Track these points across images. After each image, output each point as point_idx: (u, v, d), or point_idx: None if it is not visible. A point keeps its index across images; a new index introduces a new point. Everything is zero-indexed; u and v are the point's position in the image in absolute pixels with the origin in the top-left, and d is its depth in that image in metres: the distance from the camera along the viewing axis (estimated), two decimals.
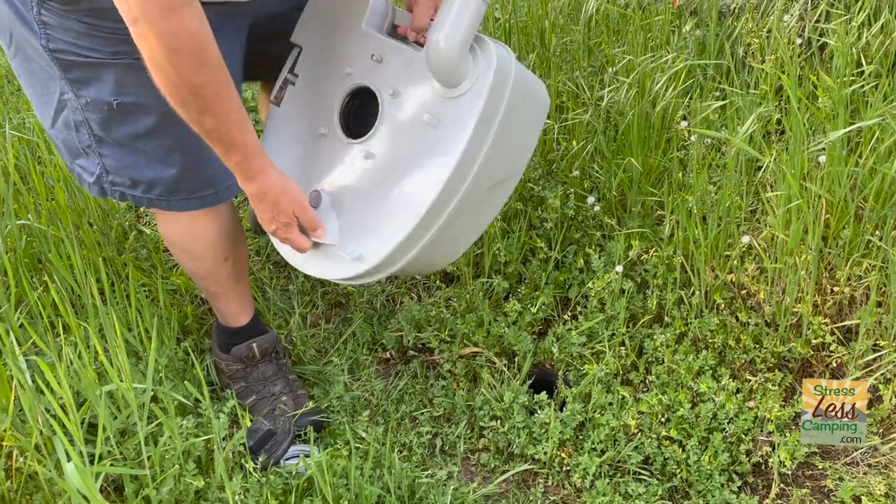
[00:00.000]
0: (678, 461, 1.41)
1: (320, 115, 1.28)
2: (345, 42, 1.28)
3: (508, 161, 1.27)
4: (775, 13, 1.89)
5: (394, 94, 1.22)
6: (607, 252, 1.72)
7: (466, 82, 1.16)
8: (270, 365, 1.58)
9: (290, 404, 1.53)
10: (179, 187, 1.31)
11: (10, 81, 2.62)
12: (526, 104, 1.26)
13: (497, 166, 1.22)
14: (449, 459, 1.49)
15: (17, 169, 1.98)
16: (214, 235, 1.43)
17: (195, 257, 1.47)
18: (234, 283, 1.53)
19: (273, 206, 1.21)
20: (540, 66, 2.10)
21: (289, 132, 1.33)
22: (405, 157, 1.20)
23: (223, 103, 1.09)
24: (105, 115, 1.23)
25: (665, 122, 1.84)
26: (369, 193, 1.23)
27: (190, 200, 1.34)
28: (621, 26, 2.12)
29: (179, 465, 1.27)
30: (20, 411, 1.26)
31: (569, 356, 1.61)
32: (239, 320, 1.58)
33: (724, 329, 1.56)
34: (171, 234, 1.45)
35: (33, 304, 1.53)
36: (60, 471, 1.18)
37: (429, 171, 1.17)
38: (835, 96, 1.61)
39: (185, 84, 1.05)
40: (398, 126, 1.21)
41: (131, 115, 1.23)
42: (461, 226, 1.26)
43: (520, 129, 1.26)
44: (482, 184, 1.20)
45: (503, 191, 1.31)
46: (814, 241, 1.50)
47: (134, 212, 2.12)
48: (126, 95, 1.21)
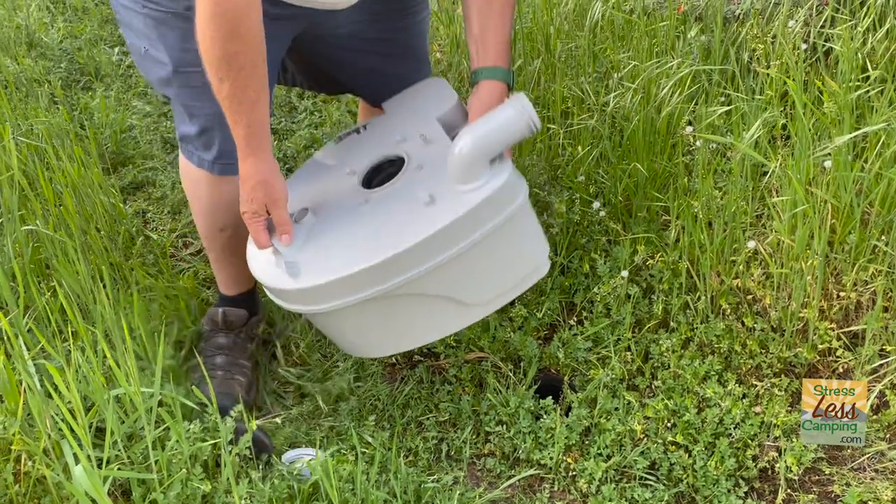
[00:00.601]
0: (684, 466, 1.41)
1: (357, 159, 1.39)
2: (413, 116, 1.42)
3: (470, 283, 1.28)
4: (780, 18, 1.89)
5: (418, 168, 1.32)
6: (613, 257, 1.72)
7: (475, 184, 1.22)
8: (228, 338, 1.62)
9: (219, 381, 1.53)
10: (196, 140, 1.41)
11: (19, 87, 2.64)
12: (517, 244, 1.30)
13: (455, 279, 1.25)
14: (455, 464, 1.49)
15: (25, 175, 1.99)
16: (213, 202, 1.48)
17: (196, 212, 1.55)
18: (228, 255, 1.57)
19: (252, 190, 1.26)
20: (545, 73, 2.10)
21: (327, 160, 1.45)
22: (388, 217, 1.27)
23: (246, 77, 1.17)
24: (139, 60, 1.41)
25: (670, 127, 1.84)
26: (343, 232, 1.28)
27: (193, 155, 1.43)
28: (626, 32, 2.12)
29: (186, 469, 1.27)
30: (28, 415, 1.27)
31: (574, 361, 1.61)
32: (229, 289, 1.64)
33: (730, 334, 1.56)
34: (185, 183, 1.54)
35: (41, 309, 1.54)
36: (68, 475, 1.18)
37: (394, 237, 1.22)
38: (840, 101, 1.61)
39: (218, 47, 1.14)
40: (403, 190, 1.29)
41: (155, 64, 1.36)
42: (382, 315, 1.28)
43: (499, 261, 1.29)
44: (430, 285, 1.24)
45: (449, 315, 1.33)
46: (820, 247, 1.50)
47: (141, 217, 2.14)
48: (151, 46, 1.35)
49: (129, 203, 2.20)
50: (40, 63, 2.86)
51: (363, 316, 1.27)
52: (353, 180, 1.36)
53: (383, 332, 1.35)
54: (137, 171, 2.32)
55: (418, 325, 1.34)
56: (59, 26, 3.19)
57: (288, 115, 2.54)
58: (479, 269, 1.27)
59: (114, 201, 2.03)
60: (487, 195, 1.21)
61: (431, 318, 1.32)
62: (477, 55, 1.36)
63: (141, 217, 2.13)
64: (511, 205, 1.24)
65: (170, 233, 2.07)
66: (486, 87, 1.34)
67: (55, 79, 2.76)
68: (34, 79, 2.75)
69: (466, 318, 1.36)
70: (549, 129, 2.00)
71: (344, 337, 1.37)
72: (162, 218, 2.14)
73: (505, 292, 1.35)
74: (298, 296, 1.27)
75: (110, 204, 1.99)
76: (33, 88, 2.67)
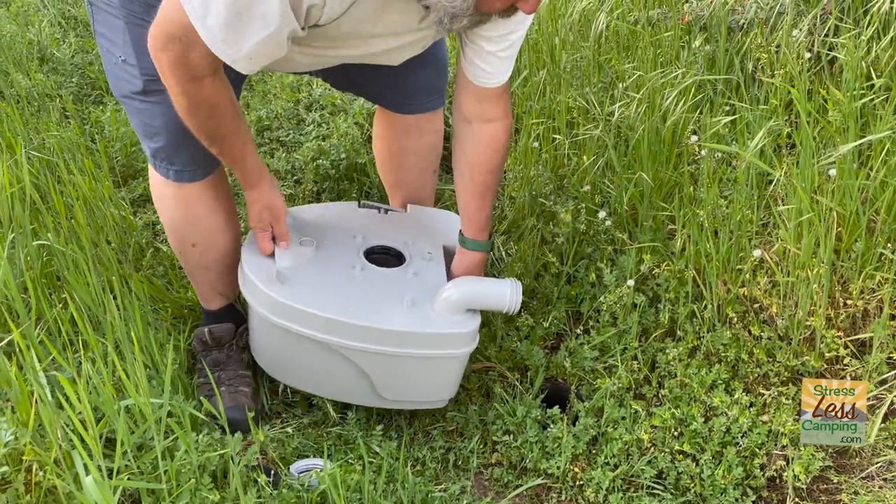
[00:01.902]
0: (692, 475, 1.41)
1: (370, 231, 1.65)
2: (426, 233, 1.69)
3: (390, 377, 1.50)
4: (784, 28, 1.90)
5: (413, 274, 1.56)
6: (619, 266, 1.72)
7: (447, 318, 1.46)
8: (222, 353, 1.65)
9: (224, 396, 1.57)
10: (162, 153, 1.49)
11: (31, 102, 2.67)
12: (439, 376, 1.52)
13: (383, 368, 1.48)
14: (462, 474, 1.50)
15: (37, 188, 2.02)
16: (181, 216, 1.55)
17: (168, 230, 1.61)
18: (202, 269, 1.62)
19: (259, 213, 1.49)
20: (551, 83, 2.12)
21: (346, 214, 1.71)
22: (370, 292, 1.49)
23: (229, 140, 1.36)
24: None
25: (675, 136, 1.85)
26: (329, 278, 1.50)
27: (160, 167, 1.50)
28: (631, 42, 2.14)
29: (195, 479, 1.28)
30: (39, 426, 1.28)
31: (581, 370, 1.62)
32: (210, 303, 1.67)
33: (736, 343, 1.56)
34: (156, 202, 1.59)
35: (51, 322, 1.56)
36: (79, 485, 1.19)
37: (366, 311, 1.44)
38: (844, 110, 1.62)
39: (200, 124, 1.32)
40: (392, 282, 1.53)
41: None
42: (312, 355, 1.48)
43: (419, 378, 1.52)
44: (364, 360, 1.46)
45: (358, 388, 1.52)
46: (826, 255, 1.50)
47: (151, 229, 2.16)
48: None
49: (139, 215, 2.22)
50: (52, 78, 2.89)
51: (299, 347, 1.47)
52: (357, 245, 1.60)
53: (304, 368, 1.55)
54: (147, 183, 2.34)
55: (334, 380, 1.54)
56: (70, 41, 3.23)
57: (296, 127, 2.56)
58: (402, 373, 1.50)
59: (124, 214, 2.05)
60: (450, 332, 1.45)
61: (345, 382, 1.52)
62: (465, 225, 1.60)
63: (151, 229, 2.15)
64: (460, 349, 1.48)
65: None
66: (469, 255, 1.60)
67: (66, 93, 2.80)
68: (46, 93, 2.79)
69: (368, 398, 1.55)
70: (555, 139, 2.01)
71: (269, 351, 1.58)
72: None
73: (405, 400, 1.57)
74: (268, 302, 1.45)
75: (120, 216, 2.01)
76: (45, 103, 2.71)
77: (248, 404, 1.57)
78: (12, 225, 1.73)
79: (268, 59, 1.23)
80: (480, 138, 1.50)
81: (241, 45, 1.16)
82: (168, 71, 1.22)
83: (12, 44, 3.06)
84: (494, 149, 1.51)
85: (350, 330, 1.42)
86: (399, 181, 1.79)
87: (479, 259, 1.60)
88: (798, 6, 1.95)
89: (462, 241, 1.61)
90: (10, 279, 1.51)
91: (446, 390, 1.56)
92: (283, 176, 2.35)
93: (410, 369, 1.49)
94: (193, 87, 1.24)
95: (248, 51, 1.17)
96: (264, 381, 1.68)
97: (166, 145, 1.47)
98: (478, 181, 1.54)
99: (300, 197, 2.26)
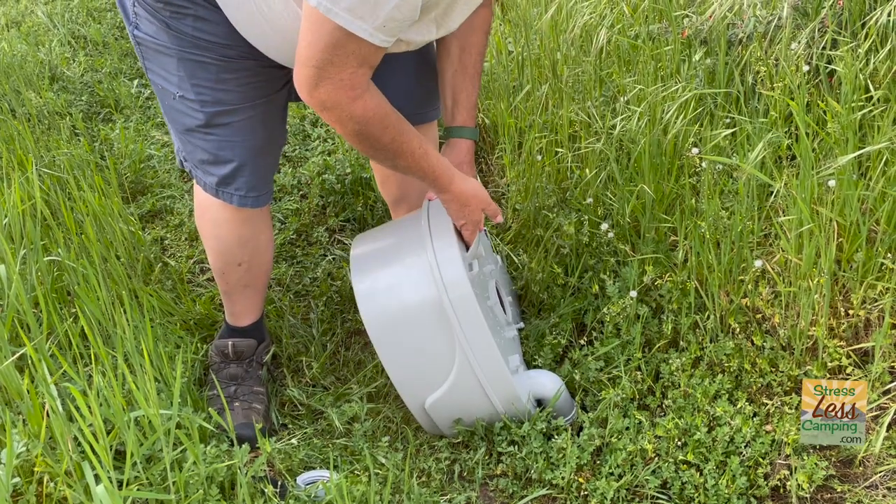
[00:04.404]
0: (696, 485, 1.42)
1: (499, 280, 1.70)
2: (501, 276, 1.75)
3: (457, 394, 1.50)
4: (783, 41, 1.92)
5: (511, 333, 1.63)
6: (622, 278, 1.74)
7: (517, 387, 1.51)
8: (240, 368, 1.66)
9: (237, 411, 1.58)
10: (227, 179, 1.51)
11: (41, 120, 2.71)
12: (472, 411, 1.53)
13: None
14: (467, 485, 1.51)
15: (47, 204, 2.05)
16: (235, 238, 1.56)
17: (214, 251, 1.61)
18: (242, 287, 1.63)
19: (463, 206, 1.47)
20: (553, 98, 2.14)
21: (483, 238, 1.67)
22: (489, 328, 1.47)
23: (408, 147, 1.34)
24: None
25: (676, 149, 1.87)
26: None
27: (229, 195, 1.51)
28: (632, 57, 2.16)
29: (203, 490, 1.30)
30: (50, 438, 1.30)
31: (586, 381, 1.63)
32: (239, 321, 1.68)
33: (739, 353, 1.57)
34: (203, 224, 1.60)
35: (62, 335, 1.58)
36: (90, 495, 1.21)
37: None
38: (843, 121, 1.64)
39: (377, 142, 1.31)
40: (504, 334, 1.59)
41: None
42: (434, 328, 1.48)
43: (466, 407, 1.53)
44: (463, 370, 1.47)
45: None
46: (827, 265, 1.51)
47: (159, 244, 2.19)
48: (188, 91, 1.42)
49: (148, 230, 2.25)
50: (62, 96, 2.94)
51: (434, 332, 1.46)
52: (487, 272, 1.61)
53: (419, 351, 1.52)
54: (156, 199, 2.38)
55: (425, 366, 1.52)
56: (80, 60, 3.28)
57: (301, 142, 2.60)
58: (465, 388, 1.50)
59: (133, 229, 2.08)
60: (519, 398, 1.50)
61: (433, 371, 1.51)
62: (450, 114, 1.55)
63: (159, 244, 2.18)
64: (510, 412, 1.52)
65: (187, 259, 2.12)
66: (462, 145, 1.56)
67: (76, 111, 2.84)
68: (56, 111, 2.83)
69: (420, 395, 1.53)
70: (558, 152, 2.03)
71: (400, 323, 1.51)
72: (179, 244, 2.19)
73: (439, 415, 1.54)
74: (447, 282, 1.42)
75: (129, 232, 2.04)
76: (55, 121, 2.75)
77: (259, 420, 1.58)
78: (24, 241, 1.76)
79: (400, 29, 1.22)
80: (472, 22, 1.47)
81: (378, 12, 1.16)
82: (330, 103, 1.23)
83: (23, 63, 3.11)
84: (484, 31, 1.52)
85: (486, 353, 1.45)
86: (403, 196, 1.81)
87: (471, 147, 1.58)
88: (796, 20, 1.97)
89: (452, 132, 1.57)
90: (23, 294, 1.53)
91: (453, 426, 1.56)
92: (288, 190, 2.38)
93: (471, 396, 1.50)
94: (359, 108, 1.25)
95: (385, 17, 1.17)
96: (276, 399, 1.70)
97: (236, 173, 1.48)
98: (469, 63, 1.52)
99: (305, 211, 2.29)
